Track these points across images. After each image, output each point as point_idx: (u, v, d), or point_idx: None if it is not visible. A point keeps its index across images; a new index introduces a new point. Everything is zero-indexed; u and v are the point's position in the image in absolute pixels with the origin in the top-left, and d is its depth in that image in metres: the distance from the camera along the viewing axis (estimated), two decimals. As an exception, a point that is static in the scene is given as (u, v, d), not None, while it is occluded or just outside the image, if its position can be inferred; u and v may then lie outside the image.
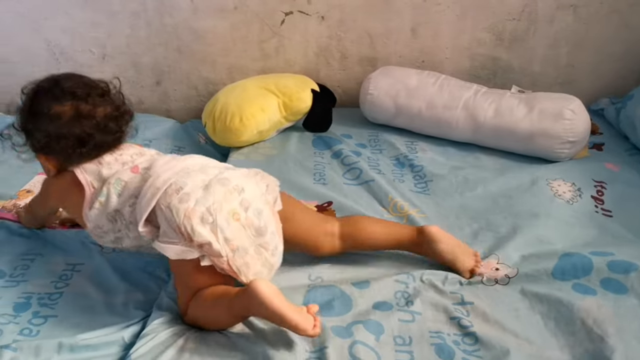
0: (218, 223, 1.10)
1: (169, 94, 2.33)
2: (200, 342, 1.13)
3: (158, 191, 1.13)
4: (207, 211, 1.10)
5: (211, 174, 1.18)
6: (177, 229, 1.09)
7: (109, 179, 1.21)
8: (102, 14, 2.20)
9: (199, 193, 1.12)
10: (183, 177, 1.16)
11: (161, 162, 1.23)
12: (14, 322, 1.20)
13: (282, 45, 2.19)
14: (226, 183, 1.16)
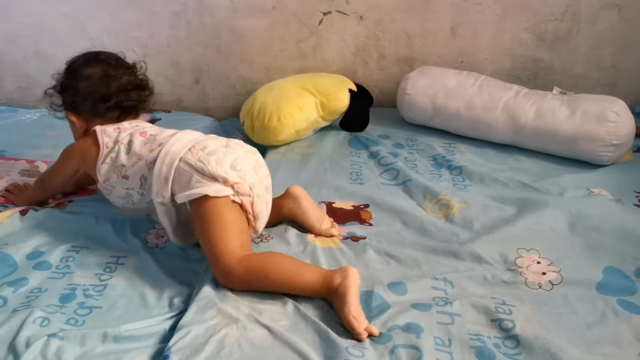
0: (245, 170, 1.29)
1: (207, 92, 2.37)
2: (241, 336, 1.14)
3: (176, 156, 1.29)
4: (234, 161, 1.29)
5: (223, 140, 1.36)
6: (210, 175, 1.25)
7: (121, 138, 1.40)
8: (144, 14, 2.25)
9: (223, 150, 1.31)
10: (202, 141, 1.34)
11: (168, 133, 1.39)
12: (61, 312, 1.23)
13: (320, 45, 2.19)
14: (242, 144, 1.37)
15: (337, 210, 1.59)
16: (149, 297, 1.29)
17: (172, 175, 1.29)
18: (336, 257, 1.38)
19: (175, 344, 1.11)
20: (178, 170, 1.29)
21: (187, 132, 1.40)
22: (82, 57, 1.49)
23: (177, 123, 2.18)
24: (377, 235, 1.47)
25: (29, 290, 1.30)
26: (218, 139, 1.37)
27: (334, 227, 1.47)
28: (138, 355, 1.13)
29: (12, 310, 1.22)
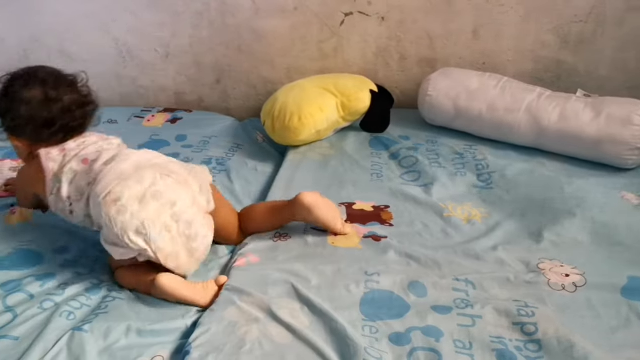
0: (151, 237, 1.23)
1: (228, 92, 2.38)
2: (261, 333, 1.15)
3: (98, 198, 1.25)
4: (141, 225, 1.23)
5: (146, 183, 1.26)
6: (116, 237, 1.24)
7: (64, 167, 1.34)
8: (166, 14, 2.27)
9: (135, 206, 1.23)
10: (120, 185, 1.25)
11: (104, 160, 1.33)
12: (86, 306, 1.25)
13: (341, 46, 2.20)
14: (159, 197, 1.26)
15: (358, 211, 1.59)
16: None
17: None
18: (356, 257, 1.38)
19: (195, 340, 1.12)
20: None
21: (119, 160, 1.31)
22: (20, 77, 1.35)
23: (199, 123, 2.22)
24: (397, 236, 1.47)
25: (56, 285, 1.32)
26: (137, 185, 1.26)
27: (344, 226, 1.47)
28: (160, 350, 1.14)
29: (39, 305, 1.24)
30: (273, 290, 1.26)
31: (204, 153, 1.98)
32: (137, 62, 2.39)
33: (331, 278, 1.31)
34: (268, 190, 1.71)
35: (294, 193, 1.65)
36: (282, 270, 1.33)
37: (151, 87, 2.43)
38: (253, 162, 1.92)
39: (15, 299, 1.26)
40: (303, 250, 1.42)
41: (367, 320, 1.18)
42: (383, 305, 1.23)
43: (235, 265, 1.36)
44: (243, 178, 1.82)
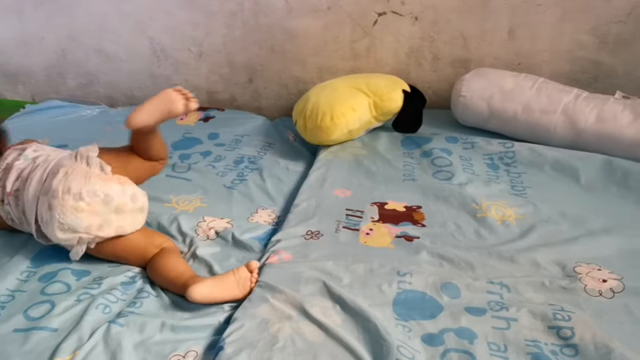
0: (71, 226, 1.33)
1: (260, 91, 2.40)
2: (294, 331, 1.15)
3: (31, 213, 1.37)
4: (59, 223, 1.33)
5: (45, 190, 1.35)
6: (58, 241, 1.35)
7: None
8: (201, 14, 2.30)
9: (47, 215, 1.34)
10: (30, 204, 1.37)
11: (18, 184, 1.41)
12: (121, 300, 1.28)
13: (373, 46, 2.19)
14: (56, 194, 1.33)
15: (390, 211, 1.58)
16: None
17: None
18: (388, 257, 1.38)
19: (229, 336, 1.14)
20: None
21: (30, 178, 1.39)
22: None
23: (231, 121, 2.23)
24: (430, 237, 1.46)
25: (91, 279, 1.35)
26: (43, 196, 1.35)
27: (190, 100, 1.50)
28: (194, 345, 1.16)
29: (76, 297, 1.27)
30: (305, 288, 1.27)
31: (236, 151, 2.00)
32: (171, 61, 2.42)
33: (363, 277, 1.30)
34: (299, 188, 1.72)
35: (325, 192, 1.67)
36: (314, 268, 1.33)
37: (184, 85, 2.42)
38: (285, 161, 1.93)
39: (53, 289, 1.30)
40: (335, 248, 1.42)
41: (399, 320, 1.18)
42: (415, 305, 1.23)
43: (268, 262, 1.36)
44: (275, 176, 1.83)
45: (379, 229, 1.50)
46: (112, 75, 2.51)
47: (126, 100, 2.53)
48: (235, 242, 1.48)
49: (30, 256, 1.41)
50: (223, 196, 1.72)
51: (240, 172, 1.87)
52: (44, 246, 1.43)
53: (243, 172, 1.87)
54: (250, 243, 1.48)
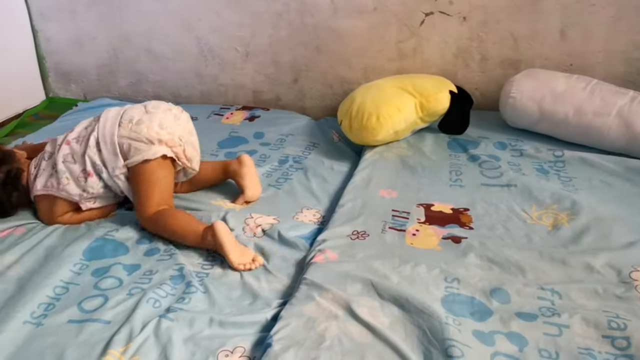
0: (170, 126, 1.54)
1: (305, 91, 2.41)
2: (341, 331, 1.15)
3: (112, 133, 1.53)
4: (159, 123, 1.54)
5: (140, 107, 1.58)
6: (146, 139, 1.51)
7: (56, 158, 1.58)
8: (248, 14, 2.32)
9: (146, 117, 1.54)
10: (125, 114, 1.56)
11: (84, 125, 1.61)
12: (171, 295, 1.30)
13: (420, 46, 2.17)
14: (158, 106, 1.58)
15: (436, 212, 1.57)
16: (250, 287, 1.34)
17: (117, 149, 1.52)
18: (435, 258, 1.36)
19: (276, 333, 1.14)
20: (119, 144, 1.52)
21: (101, 115, 1.59)
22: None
23: (275, 121, 2.25)
24: (478, 239, 1.43)
25: (141, 272, 1.38)
26: (136, 108, 1.58)
27: (257, 199, 1.69)
28: (241, 341, 1.17)
29: (127, 292, 1.30)
30: (352, 288, 1.27)
31: (281, 151, 2.02)
32: (218, 61, 2.45)
33: (410, 278, 1.29)
34: (344, 188, 1.72)
35: (371, 192, 1.66)
36: (361, 268, 1.33)
37: (230, 85, 2.49)
38: (329, 161, 1.93)
39: (106, 284, 1.33)
40: (381, 249, 1.41)
41: (449, 314, 1.17)
42: (465, 308, 1.21)
43: (313, 261, 1.37)
44: (320, 176, 1.84)
45: (425, 230, 1.49)
46: (160, 75, 2.56)
47: (173, 99, 2.58)
48: (281, 239, 1.50)
49: (82, 249, 1.45)
50: (268, 195, 1.73)
51: (285, 171, 1.88)
52: (94, 240, 1.48)
53: (288, 171, 1.88)
54: (296, 241, 1.49)
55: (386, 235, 1.47)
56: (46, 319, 1.21)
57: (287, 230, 1.52)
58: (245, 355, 1.14)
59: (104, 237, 1.51)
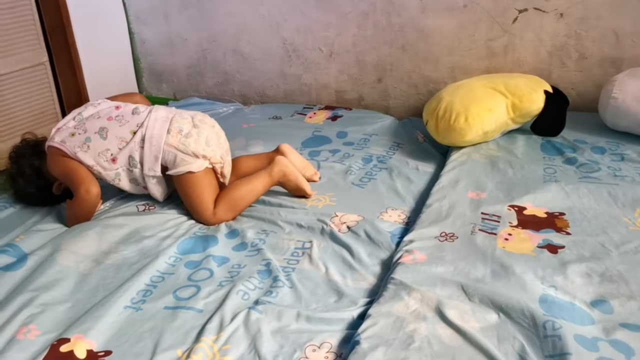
0: (214, 145, 1.64)
1: (388, 91, 2.38)
2: (430, 333, 1.12)
3: (161, 139, 1.59)
4: (205, 139, 1.62)
5: (188, 117, 1.67)
6: (192, 153, 1.59)
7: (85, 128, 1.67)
8: (333, 14, 2.33)
9: (195, 131, 1.62)
10: (175, 123, 1.62)
11: (141, 117, 1.66)
12: (259, 288, 1.32)
13: (512, 44, 2.09)
14: (204, 120, 1.68)
15: (529, 216, 1.50)
16: (336, 284, 1.34)
17: (160, 155, 1.60)
18: (531, 265, 1.30)
19: (364, 332, 1.13)
20: (165, 150, 1.60)
21: (152, 112, 1.66)
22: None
23: (358, 120, 2.25)
24: (576, 246, 1.36)
25: (230, 265, 1.41)
26: (184, 118, 1.65)
27: (316, 174, 1.82)
28: (328, 337, 1.17)
29: (218, 283, 1.34)
30: (442, 290, 1.23)
31: (365, 150, 2.00)
32: (302, 61, 2.48)
33: (504, 283, 1.24)
34: (430, 189, 1.68)
35: (459, 193, 1.62)
36: (451, 271, 1.29)
37: (314, 85, 2.51)
38: (414, 162, 1.90)
39: (198, 276, 1.37)
40: (471, 251, 1.37)
41: (547, 315, 1.11)
42: (564, 314, 1.14)
43: (401, 261, 1.34)
44: (404, 176, 1.81)
45: (519, 234, 1.43)
46: (246, 74, 2.63)
47: (258, 99, 2.64)
48: (367, 237, 1.49)
49: (176, 244, 1.50)
50: (352, 194, 1.72)
51: (369, 171, 1.86)
52: (186, 236, 1.53)
53: (372, 171, 1.86)
54: (381, 239, 1.47)
55: (476, 238, 1.42)
56: (144, 305, 1.27)
57: (373, 229, 1.51)
58: (332, 351, 1.13)
59: (196, 233, 1.56)
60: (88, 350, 1.14)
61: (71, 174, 1.59)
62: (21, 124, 2.29)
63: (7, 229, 1.62)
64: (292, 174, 1.65)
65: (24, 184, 1.70)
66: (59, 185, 1.70)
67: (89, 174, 1.60)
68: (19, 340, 1.17)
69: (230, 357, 1.11)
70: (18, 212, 1.72)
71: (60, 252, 1.45)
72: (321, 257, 1.43)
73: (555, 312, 1.13)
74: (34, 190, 1.71)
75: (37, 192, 1.71)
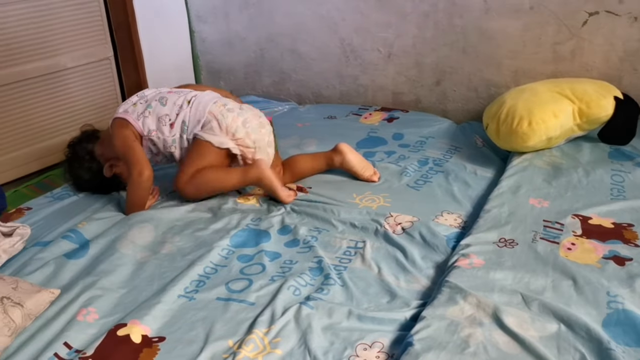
0: (252, 127, 1.67)
1: (447, 94, 2.34)
2: (486, 339, 1.08)
3: (207, 105, 1.67)
4: (245, 120, 1.66)
5: (237, 104, 1.74)
6: (226, 128, 1.64)
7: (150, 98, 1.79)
8: (393, 15, 2.31)
9: (237, 109, 1.69)
10: (223, 98, 1.72)
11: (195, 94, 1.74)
12: (310, 285, 1.31)
13: (580, 48, 2.01)
14: (252, 108, 1.75)
15: (595, 226, 1.43)
16: (388, 284, 1.31)
17: (202, 118, 1.66)
18: (595, 276, 1.24)
19: (417, 333, 1.10)
20: (207, 114, 1.66)
21: (209, 92, 1.76)
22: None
23: (415, 123, 2.21)
24: (646, 259, 1.28)
25: (282, 261, 1.41)
26: (233, 103, 1.72)
27: (376, 174, 1.79)
28: (380, 337, 1.15)
29: (270, 278, 1.34)
30: (499, 297, 1.19)
31: (421, 153, 1.97)
32: (360, 62, 2.47)
33: (566, 293, 1.19)
34: (488, 194, 1.63)
35: (520, 200, 1.57)
36: (510, 278, 1.25)
37: (370, 86, 2.49)
38: (472, 166, 1.85)
39: (251, 270, 1.37)
40: (532, 259, 1.31)
41: (612, 339, 1.05)
42: (630, 333, 1.08)
43: (457, 264, 1.31)
44: (461, 180, 1.77)
45: (583, 244, 1.36)
46: (302, 74, 2.63)
47: (313, 98, 2.64)
48: (422, 239, 1.46)
49: (229, 237, 1.51)
50: (407, 196, 1.69)
51: (425, 173, 1.83)
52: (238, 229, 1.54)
53: (427, 173, 1.83)
54: (437, 242, 1.44)
55: (537, 246, 1.36)
56: (197, 294, 1.28)
57: (428, 231, 1.48)
58: (384, 351, 1.11)
59: (248, 225, 1.57)
60: (143, 336, 1.16)
61: (130, 151, 1.65)
62: (84, 117, 2.37)
63: (70, 216, 1.67)
64: (267, 179, 1.64)
65: (77, 167, 1.78)
66: (109, 167, 1.74)
67: (144, 157, 1.65)
68: (78, 322, 1.20)
69: (281, 349, 1.11)
70: (81, 200, 1.78)
71: (120, 241, 1.49)
72: (374, 257, 1.41)
73: (620, 335, 1.07)
74: (85, 174, 1.77)
75: (88, 175, 1.76)
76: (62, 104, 2.31)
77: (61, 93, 2.30)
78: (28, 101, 2.19)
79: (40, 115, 2.24)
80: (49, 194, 1.84)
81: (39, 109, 2.23)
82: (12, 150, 2.16)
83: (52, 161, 2.25)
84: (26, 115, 2.19)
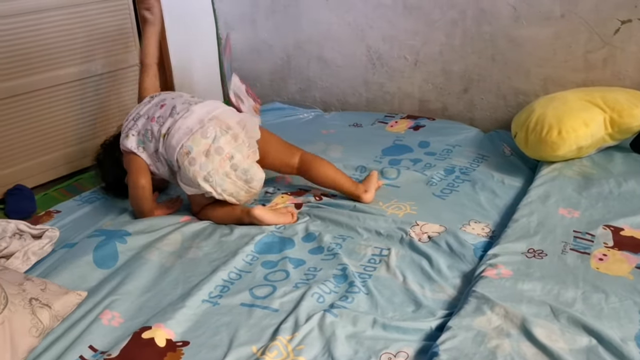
0: (216, 182, 1.57)
1: (474, 102, 2.31)
2: (514, 350, 1.06)
3: (175, 150, 1.60)
4: (208, 174, 1.57)
5: (210, 138, 1.58)
6: (189, 180, 1.59)
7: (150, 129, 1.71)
8: (421, 22, 2.29)
9: (202, 159, 1.56)
10: (189, 140, 1.58)
11: (173, 121, 1.64)
12: (334, 292, 1.31)
13: (612, 56, 1.97)
14: (220, 152, 1.57)
15: (627, 237, 1.40)
16: (414, 294, 1.30)
17: (175, 163, 1.61)
18: (627, 288, 1.21)
19: (443, 343, 1.09)
20: (175, 163, 1.61)
21: (185, 117, 1.63)
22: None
23: (442, 131, 2.19)
24: (681, 272, 1.24)
25: (306, 268, 1.41)
26: (203, 139, 1.57)
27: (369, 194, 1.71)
28: (404, 346, 1.13)
29: (294, 284, 1.33)
30: (528, 308, 1.17)
31: (447, 161, 1.95)
32: (386, 69, 2.46)
33: (597, 307, 1.16)
34: (516, 204, 1.60)
35: (549, 209, 1.55)
36: (539, 289, 1.23)
37: (397, 93, 2.48)
38: (499, 175, 1.82)
39: (275, 277, 1.37)
40: (562, 270, 1.29)
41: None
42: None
43: (484, 274, 1.28)
44: (489, 189, 1.74)
45: (614, 255, 1.33)
46: (328, 81, 2.63)
47: (340, 106, 2.64)
48: (448, 248, 1.44)
49: (253, 242, 1.51)
50: (433, 204, 1.67)
51: (451, 182, 1.81)
52: (262, 236, 1.54)
53: (454, 182, 1.80)
54: (464, 252, 1.42)
55: (567, 257, 1.33)
56: (221, 300, 1.28)
57: (455, 240, 1.46)
58: (409, 362, 1.10)
59: (273, 231, 1.57)
60: (167, 340, 1.16)
61: (130, 162, 1.68)
62: (113, 122, 2.40)
63: (98, 217, 1.70)
64: (266, 222, 1.60)
65: (105, 170, 1.82)
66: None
67: (142, 167, 1.67)
68: (104, 326, 1.21)
69: (304, 357, 1.10)
70: (109, 201, 1.81)
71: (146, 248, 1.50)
72: (399, 266, 1.40)
73: None
74: (111, 178, 1.81)
75: (113, 180, 1.80)
76: (92, 109, 2.35)
77: (91, 98, 2.34)
78: (59, 106, 2.23)
79: (70, 120, 2.28)
80: (78, 197, 1.87)
81: (70, 114, 2.27)
82: (42, 154, 2.21)
83: (81, 165, 2.29)
84: (56, 119, 2.23)
